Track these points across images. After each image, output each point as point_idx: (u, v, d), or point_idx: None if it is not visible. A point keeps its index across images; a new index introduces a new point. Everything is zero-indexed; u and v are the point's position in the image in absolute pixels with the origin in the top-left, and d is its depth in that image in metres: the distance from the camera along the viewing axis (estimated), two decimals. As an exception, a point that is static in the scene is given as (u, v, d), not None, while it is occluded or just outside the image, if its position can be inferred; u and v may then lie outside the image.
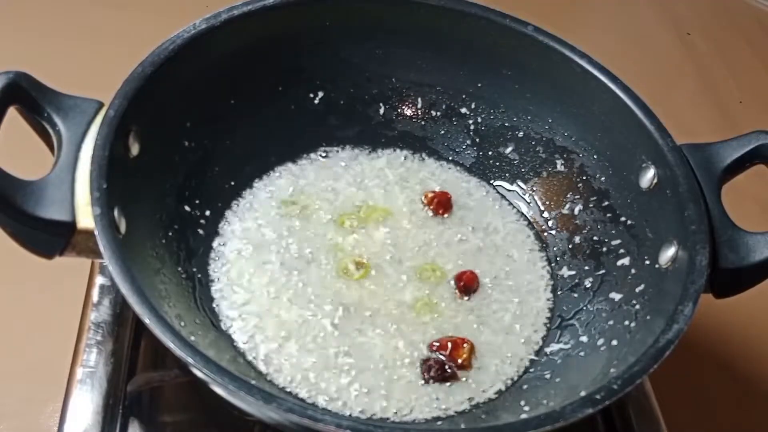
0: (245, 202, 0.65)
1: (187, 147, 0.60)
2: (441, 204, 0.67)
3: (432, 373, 0.56)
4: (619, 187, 0.62)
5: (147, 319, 0.43)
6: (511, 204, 0.69)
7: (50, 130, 0.51)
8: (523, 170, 0.69)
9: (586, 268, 0.63)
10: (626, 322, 0.55)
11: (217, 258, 0.61)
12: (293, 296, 0.59)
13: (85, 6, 0.95)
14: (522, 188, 0.69)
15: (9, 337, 0.66)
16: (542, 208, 0.68)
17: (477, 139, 0.70)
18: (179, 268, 0.57)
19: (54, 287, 0.66)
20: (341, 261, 0.62)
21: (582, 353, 0.57)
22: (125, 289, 0.44)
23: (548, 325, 0.62)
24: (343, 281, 0.61)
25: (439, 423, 0.55)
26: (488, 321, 0.61)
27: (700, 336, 0.73)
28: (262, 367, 0.56)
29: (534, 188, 0.69)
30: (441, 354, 0.57)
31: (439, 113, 0.70)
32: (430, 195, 0.67)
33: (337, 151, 0.70)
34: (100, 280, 0.63)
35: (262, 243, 0.62)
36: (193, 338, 0.46)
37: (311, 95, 0.68)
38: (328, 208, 0.66)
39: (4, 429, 0.61)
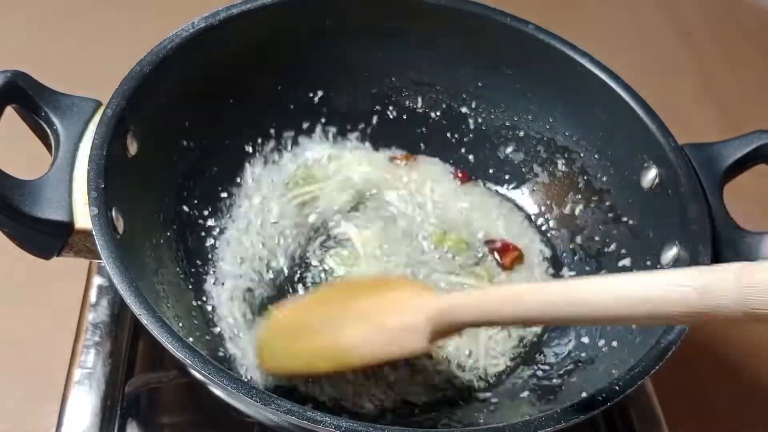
0: (244, 201, 0.65)
1: (185, 147, 0.60)
2: (509, 255, 0.65)
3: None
4: (620, 187, 0.62)
5: (145, 320, 0.43)
6: (511, 204, 0.69)
7: (48, 130, 0.51)
8: (523, 170, 0.69)
9: (587, 268, 0.63)
10: (628, 323, 0.55)
11: (215, 258, 0.61)
12: (293, 297, 0.59)
13: (84, 5, 0.94)
14: (523, 188, 0.69)
15: (7, 338, 0.65)
16: (543, 208, 0.68)
17: (478, 139, 0.70)
18: (177, 269, 0.57)
19: (52, 288, 0.66)
20: (341, 260, 0.62)
21: (583, 354, 0.57)
22: (123, 290, 0.43)
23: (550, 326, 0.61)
24: (343, 280, 0.61)
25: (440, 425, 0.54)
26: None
27: (701, 337, 0.73)
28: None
29: (535, 188, 0.68)
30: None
31: (439, 112, 0.70)
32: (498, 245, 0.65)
33: (337, 151, 0.69)
34: (97, 280, 0.63)
35: (261, 243, 0.62)
36: (191, 339, 0.46)
37: (311, 94, 0.68)
38: (328, 208, 0.65)
39: (2, 430, 0.61)
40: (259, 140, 0.66)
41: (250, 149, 0.66)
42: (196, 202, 0.61)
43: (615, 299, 0.36)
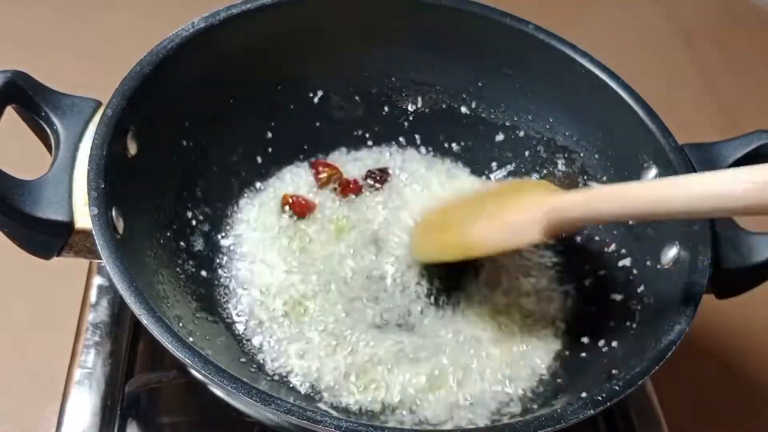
0: (244, 201, 0.65)
1: (185, 147, 0.60)
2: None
3: None
4: (620, 187, 0.61)
5: (145, 320, 0.43)
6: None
7: (48, 130, 0.51)
8: (524, 170, 0.69)
9: (587, 268, 0.63)
10: (627, 323, 0.55)
11: (215, 258, 0.61)
12: (293, 295, 0.59)
13: (84, 5, 0.94)
14: (522, 188, 0.69)
15: (7, 338, 0.65)
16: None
17: (478, 139, 0.70)
18: (177, 269, 0.57)
19: (52, 288, 0.66)
20: (341, 262, 0.62)
21: (583, 354, 0.57)
22: (123, 290, 0.43)
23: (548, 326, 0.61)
24: (343, 277, 0.61)
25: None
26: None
27: (702, 337, 0.73)
28: (261, 365, 0.55)
29: (535, 188, 0.68)
30: None
31: (439, 112, 0.70)
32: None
33: (337, 151, 0.69)
34: (97, 280, 0.63)
35: (261, 242, 0.62)
36: (191, 339, 0.46)
37: (310, 95, 0.68)
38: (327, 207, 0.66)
39: (2, 430, 0.61)
40: (259, 140, 0.66)
41: (250, 149, 0.66)
42: (196, 202, 0.61)
43: (694, 196, 0.42)
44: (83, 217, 0.47)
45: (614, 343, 0.55)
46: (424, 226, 0.63)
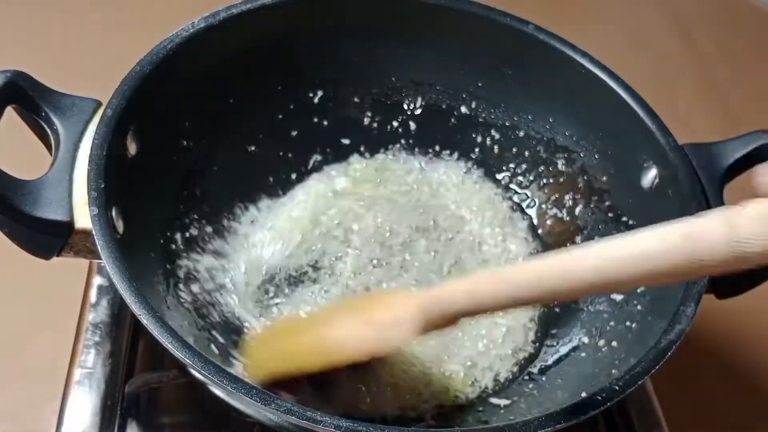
0: (245, 201, 0.65)
1: (185, 147, 0.60)
2: None
3: None
4: (620, 187, 0.62)
5: (145, 320, 0.43)
6: (511, 204, 0.69)
7: (48, 130, 0.51)
8: (523, 170, 0.69)
9: (587, 268, 0.63)
10: (627, 323, 0.55)
11: (215, 258, 0.61)
12: (293, 296, 0.59)
13: (84, 4, 0.94)
14: (523, 188, 0.69)
15: (7, 338, 0.65)
16: (543, 208, 0.68)
17: (476, 138, 0.70)
18: (178, 269, 0.57)
19: (52, 288, 0.66)
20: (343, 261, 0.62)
21: (583, 354, 0.57)
22: (123, 290, 0.43)
23: (549, 326, 0.61)
24: (344, 283, 0.61)
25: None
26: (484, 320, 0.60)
27: (702, 337, 0.73)
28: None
29: (535, 188, 0.68)
30: None
31: (439, 112, 0.70)
32: None
33: (338, 151, 0.69)
34: (97, 280, 0.63)
35: (261, 243, 0.62)
36: (191, 339, 0.46)
37: (311, 94, 0.68)
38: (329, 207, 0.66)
39: (2, 430, 0.61)
40: (260, 139, 0.66)
41: (250, 149, 0.66)
42: (196, 202, 0.61)
43: (610, 262, 0.36)
44: (83, 217, 0.47)
45: (614, 343, 0.55)
46: (263, 338, 0.54)
